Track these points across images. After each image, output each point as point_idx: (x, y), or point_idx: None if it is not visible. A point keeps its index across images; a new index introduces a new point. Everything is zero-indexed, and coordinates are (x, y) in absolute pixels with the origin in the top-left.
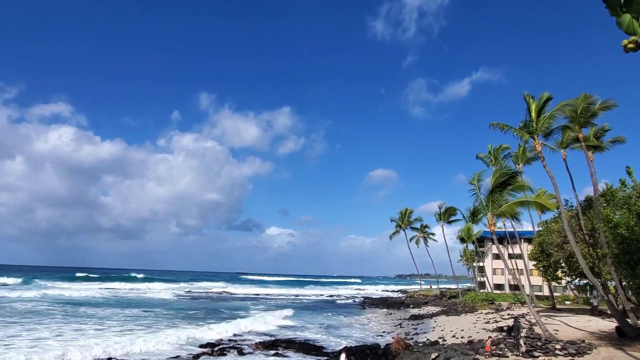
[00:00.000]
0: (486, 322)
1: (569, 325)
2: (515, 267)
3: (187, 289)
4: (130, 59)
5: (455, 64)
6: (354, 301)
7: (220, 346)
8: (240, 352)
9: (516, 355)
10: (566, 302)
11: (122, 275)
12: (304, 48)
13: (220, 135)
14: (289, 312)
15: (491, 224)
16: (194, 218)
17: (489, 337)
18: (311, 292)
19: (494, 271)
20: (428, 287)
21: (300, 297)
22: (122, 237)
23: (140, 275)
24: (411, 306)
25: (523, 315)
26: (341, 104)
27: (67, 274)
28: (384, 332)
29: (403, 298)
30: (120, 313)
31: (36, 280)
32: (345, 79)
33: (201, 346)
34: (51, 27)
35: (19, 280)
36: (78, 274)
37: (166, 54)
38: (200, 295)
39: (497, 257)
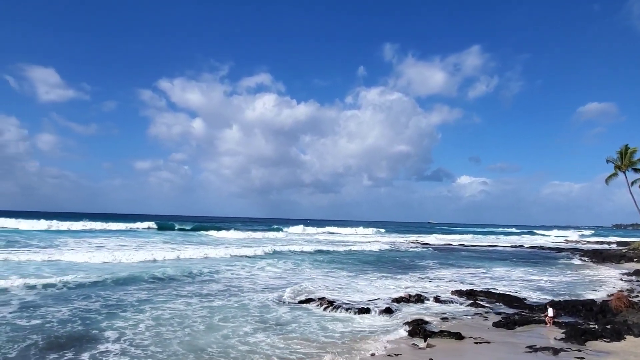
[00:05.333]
0: None
1: None
2: None
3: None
4: (315, 22)
5: None
6: (560, 252)
7: (419, 293)
8: (437, 300)
9: None
10: None
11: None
12: None
13: (405, 86)
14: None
15: None
16: (384, 170)
17: None
18: (508, 242)
19: None
20: None
21: (496, 248)
22: (321, 191)
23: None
24: (635, 260)
25: None
26: (541, 32)
27: (288, 225)
28: (598, 287)
29: (624, 250)
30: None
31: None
32: (545, 0)
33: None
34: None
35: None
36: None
37: (347, 9)
38: (437, 247)
39: None
